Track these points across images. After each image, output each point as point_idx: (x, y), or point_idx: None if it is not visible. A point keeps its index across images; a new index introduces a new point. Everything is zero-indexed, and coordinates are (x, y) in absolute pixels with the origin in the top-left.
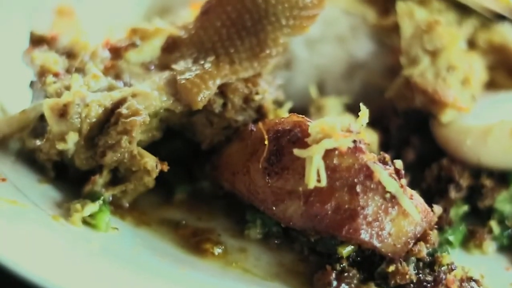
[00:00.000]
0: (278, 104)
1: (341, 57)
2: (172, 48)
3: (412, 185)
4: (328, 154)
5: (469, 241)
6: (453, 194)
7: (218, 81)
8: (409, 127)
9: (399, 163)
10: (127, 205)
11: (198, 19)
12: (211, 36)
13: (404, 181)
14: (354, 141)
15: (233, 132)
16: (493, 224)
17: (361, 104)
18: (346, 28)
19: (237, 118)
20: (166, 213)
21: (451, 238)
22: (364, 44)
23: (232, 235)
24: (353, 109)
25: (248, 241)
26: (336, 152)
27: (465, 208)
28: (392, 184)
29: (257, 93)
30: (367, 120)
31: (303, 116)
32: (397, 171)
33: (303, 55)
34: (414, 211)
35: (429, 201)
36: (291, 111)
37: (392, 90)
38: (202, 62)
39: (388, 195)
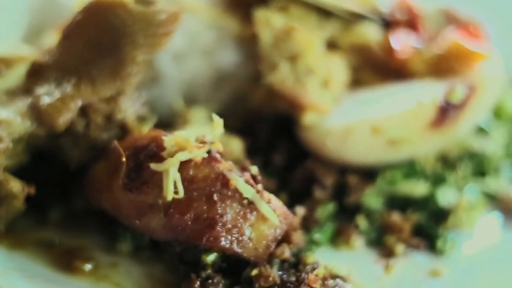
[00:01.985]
0: (143, 120)
1: (208, 69)
2: (37, 73)
3: (282, 188)
4: (184, 166)
5: (338, 238)
6: (318, 194)
7: (79, 103)
8: (276, 132)
9: (254, 169)
10: (2, 228)
11: (61, 43)
12: (73, 59)
13: (260, 186)
14: (209, 152)
15: (100, 151)
16: (360, 219)
17: (213, 115)
18: (211, 40)
19: (102, 136)
20: (41, 234)
21: (318, 237)
22: (229, 54)
23: (104, 251)
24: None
25: (120, 256)
26: (192, 163)
27: (331, 206)
28: (248, 191)
29: (119, 111)
30: (221, 130)
31: (161, 130)
32: (253, 177)
33: (170, 70)
34: (272, 215)
35: (298, 203)
36: (161, 125)
37: (256, 97)
38: (65, 85)
39: (245, 201)
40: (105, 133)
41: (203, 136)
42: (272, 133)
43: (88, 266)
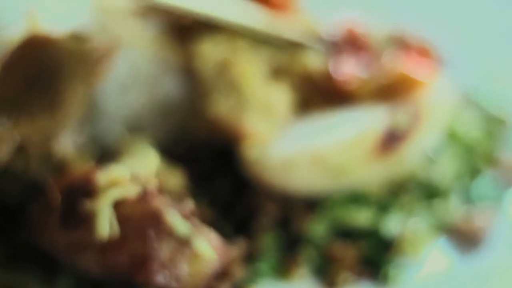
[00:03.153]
0: (83, 155)
1: (152, 101)
2: None
3: (225, 218)
4: (118, 204)
5: (282, 268)
6: (261, 224)
7: (17, 139)
8: (220, 162)
9: (190, 204)
10: None
11: (1, 78)
12: (12, 94)
13: (196, 221)
14: (144, 188)
15: (39, 188)
16: (305, 248)
17: (150, 149)
18: (154, 72)
19: (41, 173)
20: None
21: (262, 267)
22: (173, 86)
23: None
24: (166, 151)
25: None
26: (126, 199)
27: (275, 235)
28: (183, 226)
29: (57, 147)
30: (157, 165)
31: (96, 166)
32: (190, 212)
33: (114, 102)
34: (209, 249)
35: (241, 233)
36: (105, 158)
37: (200, 127)
38: (4, 121)
39: (181, 237)
40: (43, 169)
41: (137, 171)
42: (216, 163)
43: None
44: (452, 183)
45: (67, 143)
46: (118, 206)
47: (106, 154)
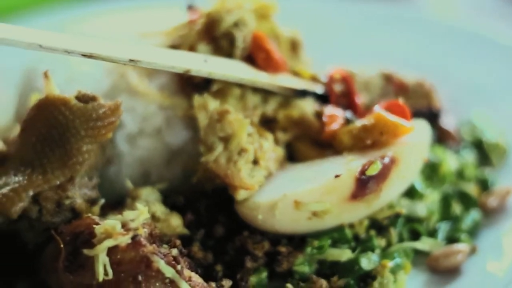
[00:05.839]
0: (92, 202)
1: (160, 148)
2: (1, 163)
3: (219, 259)
4: (112, 250)
5: None
6: (249, 264)
7: (31, 192)
8: (217, 206)
9: (175, 251)
10: None
11: (19, 135)
12: (28, 151)
13: (180, 266)
14: (134, 237)
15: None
16: (291, 285)
17: (138, 205)
18: (161, 121)
19: (54, 220)
20: None
21: None
22: (178, 133)
23: None
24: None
25: None
26: (119, 248)
27: (264, 274)
28: (168, 271)
29: (67, 197)
30: (145, 217)
31: (94, 218)
32: (174, 258)
33: (125, 150)
34: None
35: (233, 273)
36: (117, 203)
37: (198, 173)
38: (20, 175)
39: (167, 280)
40: (56, 217)
41: (128, 223)
42: (213, 207)
43: None
44: (434, 221)
45: (76, 192)
46: (113, 253)
47: (121, 197)
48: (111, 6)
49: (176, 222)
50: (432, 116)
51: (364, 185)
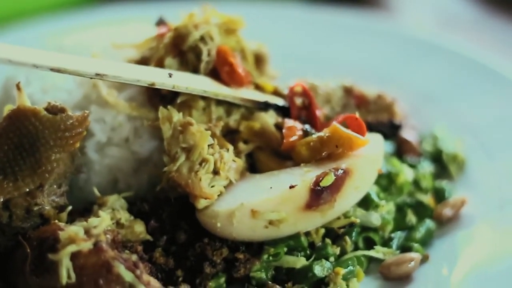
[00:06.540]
0: (60, 209)
1: (127, 157)
2: None
3: (180, 265)
4: (75, 256)
5: None
6: (208, 270)
7: (1, 198)
8: (180, 213)
9: (134, 257)
10: None
11: None
12: (1, 158)
13: (139, 271)
14: (96, 243)
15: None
16: None
17: (101, 212)
18: (129, 131)
19: (23, 225)
20: None
21: None
22: (145, 143)
23: None
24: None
25: None
26: (82, 253)
27: (223, 279)
28: (128, 275)
29: (36, 204)
30: (108, 224)
31: (59, 224)
32: (134, 263)
33: (94, 159)
34: None
35: (193, 278)
36: (85, 210)
37: (162, 182)
38: None
39: (127, 284)
40: (25, 222)
41: (91, 229)
42: (176, 214)
43: None
44: (389, 230)
45: (45, 198)
46: (76, 257)
47: (85, 205)
48: (91, 19)
49: (139, 228)
50: (393, 128)
51: (318, 195)
